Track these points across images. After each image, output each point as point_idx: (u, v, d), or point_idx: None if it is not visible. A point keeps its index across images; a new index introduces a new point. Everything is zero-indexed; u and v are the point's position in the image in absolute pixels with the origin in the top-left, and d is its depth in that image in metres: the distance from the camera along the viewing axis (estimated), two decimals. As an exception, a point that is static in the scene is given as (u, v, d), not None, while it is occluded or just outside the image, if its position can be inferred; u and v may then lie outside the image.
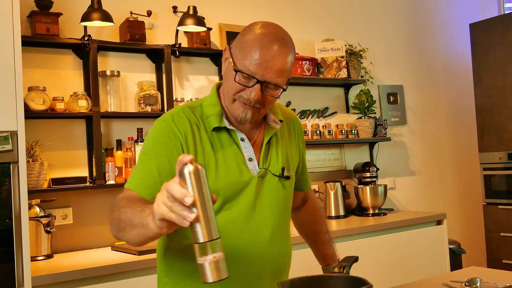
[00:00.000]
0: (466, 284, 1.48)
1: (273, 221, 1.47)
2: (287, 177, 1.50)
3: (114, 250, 2.83)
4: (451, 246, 3.93)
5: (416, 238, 3.50)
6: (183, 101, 3.24)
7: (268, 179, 1.47)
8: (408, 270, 3.39)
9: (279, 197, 1.49)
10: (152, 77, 3.27)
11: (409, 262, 3.43)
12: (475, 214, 4.84)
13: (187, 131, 1.41)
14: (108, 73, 3.02)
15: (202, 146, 1.41)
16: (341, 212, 3.72)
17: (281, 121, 1.53)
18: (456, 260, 4.01)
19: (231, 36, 3.59)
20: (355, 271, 1.46)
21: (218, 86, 1.52)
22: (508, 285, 1.52)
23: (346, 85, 4.10)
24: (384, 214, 3.76)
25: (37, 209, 2.68)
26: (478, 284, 1.47)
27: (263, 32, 1.38)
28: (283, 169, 1.49)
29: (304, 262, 1.95)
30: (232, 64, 1.38)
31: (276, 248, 1.47)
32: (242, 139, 1.46)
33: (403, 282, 1.97)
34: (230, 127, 1.45)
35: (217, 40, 3.56)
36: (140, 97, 3.10)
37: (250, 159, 1.46)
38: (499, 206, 4.37)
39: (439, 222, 3.66)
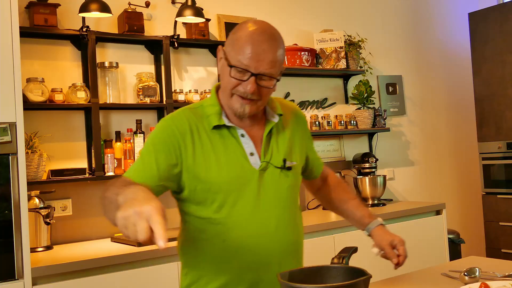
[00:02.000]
0: (465, 273, 1.48)
1: (279, 211, 1.52)
2: (289, 168, 1.54)
3: (114, 242, 2.84)
4: (450, 236, 3.95)
5: (415, 228, 3.50)
6: (182, 92, 3.24)
7: (271, 172, 1.51)
8: (408, 260, 3.39)
9: (282, 188, 1.53)
10: (151, 68, 3.26)
11: (408, 252, 3.43)
12: (474, 203, 4.85)
13: (186, 131, 1.48)
14: (106, 64, 3.01)
15: (201, 144, 1.47)
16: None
17: (280, 115, 1.57)
18: (455, 249, 4.02)
19: (229, 27, 3.58)
20: (354, 261, 1.47)
21: (217, 88, 1.58)
22: (507, 274, 1.52)
23: (345, 75, 4.09)
24: (384, 204, 3.77)
25: (37, 200, 2.68)
26: (477, 274, 1.47)
27: (253, 28, 1.44)
28: (284, 161, 1.53)
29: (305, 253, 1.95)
30: (226, 61, 1.45)
31: (283, 237, 1.52)
32: (243, 135, 1.51)
33: (402, 272, 1.97)
34: (230, 124, 1.50)
35: (215, 31, 3.55)
36: (139, 88, 3.09)
37: (252, 154, 1.51)
38: (498, 196, 4.38)
39: (438, 212, 3.67)
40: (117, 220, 1.08)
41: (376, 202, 3.74)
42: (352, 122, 3.94)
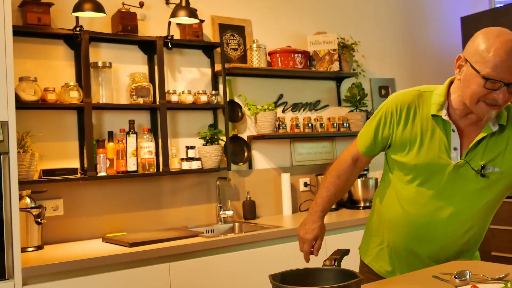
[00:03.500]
0: (456, 276, 1.49)
1: (458, 206, 1.69)
2: (483, 175, 1.66)
3: (105, 242, 2.83)
4: (441, 239, 3.96)
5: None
6: (175, 93, 3.24)
7: (465, 170, 1.66)
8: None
9: (470, 188, 1.67)
10: (144, 68, 3.26)
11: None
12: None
13: (403, 110, 1.71)
14: (100, 64, 3.01)
15: (412, 125, 1.70)
16: (332, 205, 3.73)
17: (501, 125, 1.66)
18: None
19: (223, 28, 3.59)
20: (346, 263, 1.47)
21: (451, 81, 1.74)
22: (497, 277, 1.53)
23: (338, 78, 4.11)
24: None
25: (28, 200, 2.67)
26: (467, 277, 1.48)
27: (503, 39, 1.53)
28: (482, 167, 1.65)
29: (296, 255, 1.96)
30: (475, 71, 1.55)
31: (453, 228, 1.71)
32: (453, 130, 1.66)
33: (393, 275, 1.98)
34: (446, 118, 1.66)
35: (209, 32, 3.55)
36: (132, 88, 3.08)
37: (455, 149, 1.67)
38: (489, 200, 4.40)
39: (429, 215, 3.68)
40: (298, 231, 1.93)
41: (367, 204, 3.75)
42: (344, 124, 3.96)
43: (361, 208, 3.74)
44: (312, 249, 1.90)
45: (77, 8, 2.85)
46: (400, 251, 1.83)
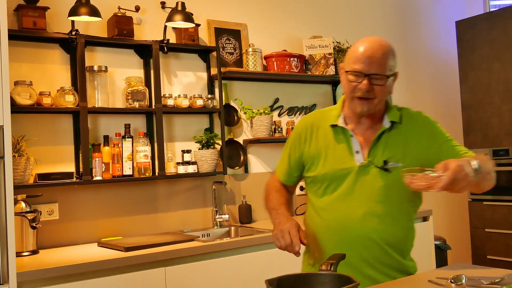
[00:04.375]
0: (452, 281, 1.49)
1: (368, 204, 1.76)
2: (386, 169, 1.75)
3: (101, 246, 2.82)
4: (437, 242, 3.97)
5: (402, 235, 3.52)
6: (171, 97, 3.24)
7: (370, 169, 1.77)
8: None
9: (377, 185, 1.75)
10: (140, 72, 3.25)
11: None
12: (460, 210, 4.89)
13: (308, 129, 1.89)
14: (95, 68, 3.00)
15: (317, 139, 1.86)
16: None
17: (393, 122, 1.81)
18: (441, 256, 4.05)
19: (219, 32, 3.59)
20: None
21: (345, 99, 1.88)
22: (493, 281, 1.54)
23: (334, 82, 4.11)
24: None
25: (23, 204, 2.66)
26: (463, 281, 1.48)
27: (363, 39, 1.79)
28: (384, 162, 1.76)
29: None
30: (343, 70, 1.78)
31: (369, 226, 1.75)
32: (352, 135, 1.81)
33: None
34: (342, 125, 1.82)
35: (205, 36, 3.55)
36: (128, 92, 3.08)
37: (357, 152, 1.79)
38: (484, 203, 4.42)
39: (425, 219, 3.69)
40: (272, 235, 1.74)
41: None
42: (340, 128, 3.95)
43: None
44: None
45: (73, 12, 2.85)
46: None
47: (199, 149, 3.34)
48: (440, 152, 1.79)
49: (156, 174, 3.15)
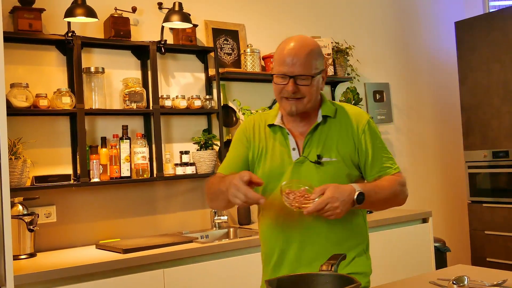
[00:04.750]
0: (454, 282, 1.47)
1: None
2: (319, 163, 1.76)
3: (99, 249, 2.80)
4: (436, 244, 3.95)
5: (401, 236, 3.50)
6: (169, 98, 3.22)
7: (306, 165, 1.78)
8: (394, 268, 3.40)
9: (313, 180, 1.72)
10: (137, 74, 3.23)
11: (394, 260, 3.44)
12: (460, 212, 4.87)
13: (250, 128, 1.91)
14: (92, 69, 2.98)
15: (259, 139, 1.88)
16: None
17: (327, 116, 1.82)
18: (441, 258, 4.03)
19: (217, 33, 3.57)
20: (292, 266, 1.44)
21: None
22: (495, 283, 1.52)
23: (333, 82, 4.10)
24: (370, 212, 3.76)
25: (20, 207, 2.64)
26: (466, 282, 1.46)
27: (287, 40, 1.78)
28: (318, 156, 1.77)
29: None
30: (271, 72, 1.79)
31: (307, 222, 1.74)
32: (288, 133, 1.82)
33: (389, 280, 1.96)
34: (279, 124, 1.84)
35: (203, 37, 3.53)
36: (125, 94, 3.06)
37: (294, 149, 1.81)
38: (484, 205, 4.40)
39: (424, 220, 3.67)
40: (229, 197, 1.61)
41: (363, 209, 3.73)
42: (339, 129, 3.94)
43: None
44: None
45: (69, 13, 2.83)
46: (285, 266, 1.81)
47: (198, 150, 3.32)
48: (363, 156, 1.81)
49: (154, 175, 3.12)
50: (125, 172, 3.00)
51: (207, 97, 3.38)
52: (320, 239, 1.76)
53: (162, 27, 3.22)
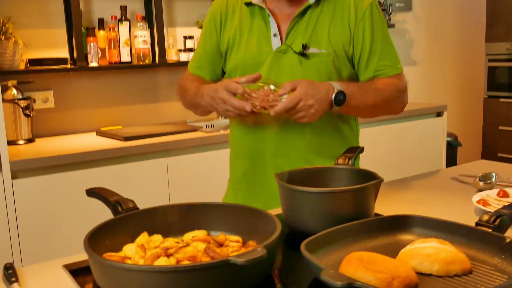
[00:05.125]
0: (481, 178, 1.35)
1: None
2: (304, 54, 1.42)
3: (99, 136, 2.70)
4: (448, 139, 3.85)
5: (414, 130, 3.39)
6: (171, -24, 2.95)
7: (289, 56, 1.44)
8: (404, 161, 3.32)
9: (295, 75, 1.40)
10: None
11: (406, 153, 3.36)
12: (475, 106, 4.72)
13: (222, 10, 1.54)
14: None
15: (232, 23, 1.51)
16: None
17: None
18: (451, 152, 3.94)
19: None
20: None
21: None
22: (525, 180, 1.40)
23: None
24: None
25: (14, 91, 2.50)
26: (493, 180, 1.33)
27: None
28: (304, 46, 1.42)
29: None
30: None
31: (287, 129, 1.45)
32: (269, 15, 1.46)
33: (400, 173, 1.85)
34: (258, 3, 1.46)
35: None
36: (124, -30, 2.80)
37: (275, 35, 1.45)
38: (501, 99, 4.24)
39: (439, 114, 3.53)
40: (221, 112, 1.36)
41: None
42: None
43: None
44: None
45: None
46: (253, 175, 1.54)
47: (203, 35, 3.11)
48: (358, 48, 1.45)
49: (157, 61, 2.95)
50: (125, 57, 2.82)
51: (213, -24, 3.11)
52: (298, 148, 1.46)
53: None
